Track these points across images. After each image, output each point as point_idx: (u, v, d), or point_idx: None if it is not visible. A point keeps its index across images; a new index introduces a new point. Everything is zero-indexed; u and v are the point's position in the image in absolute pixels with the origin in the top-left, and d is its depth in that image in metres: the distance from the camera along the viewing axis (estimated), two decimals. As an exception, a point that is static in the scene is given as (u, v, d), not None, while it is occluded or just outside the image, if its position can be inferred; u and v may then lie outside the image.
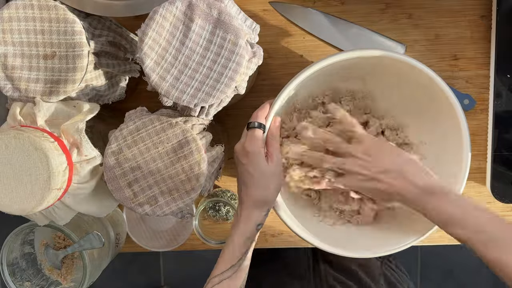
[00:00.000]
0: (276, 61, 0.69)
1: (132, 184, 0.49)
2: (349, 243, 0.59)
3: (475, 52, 0.67)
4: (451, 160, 0.57)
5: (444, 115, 0.56)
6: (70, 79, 0.48)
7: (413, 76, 0.55)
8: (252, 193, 0.53)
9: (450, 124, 0.56)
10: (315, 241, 0.57)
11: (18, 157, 0.45)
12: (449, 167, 0.57)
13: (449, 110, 0.55)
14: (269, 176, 0.53)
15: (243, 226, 0.53)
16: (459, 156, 0.56)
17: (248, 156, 0.53)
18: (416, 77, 0.55)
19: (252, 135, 0.54)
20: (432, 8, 0.67)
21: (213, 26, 0.47)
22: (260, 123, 0.55)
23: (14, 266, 0.64)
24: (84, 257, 0.61)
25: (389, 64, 0.55)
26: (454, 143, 0.56)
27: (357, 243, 0.59)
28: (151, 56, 0.47)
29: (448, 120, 0.56)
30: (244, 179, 0.54)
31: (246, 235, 0.53)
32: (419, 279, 1.58)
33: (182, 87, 0.47)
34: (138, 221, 0.74)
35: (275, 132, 0.56)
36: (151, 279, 1.61)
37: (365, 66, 0.57)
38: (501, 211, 0.71)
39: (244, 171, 0.53)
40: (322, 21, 0.67)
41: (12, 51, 0.48)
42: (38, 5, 0.47)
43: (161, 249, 0.74)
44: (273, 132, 0.56)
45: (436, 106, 0.56)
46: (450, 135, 0.56)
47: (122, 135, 0.49)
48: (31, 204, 0.45)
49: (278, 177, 0.54)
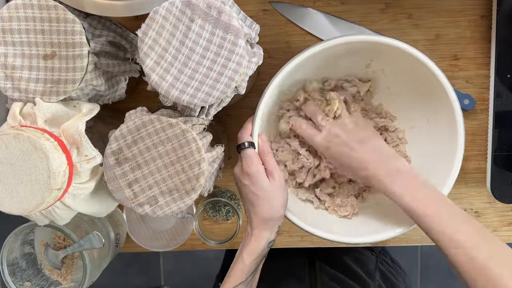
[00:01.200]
0: (276, 61, 0.69)
1: (132, 184, 0.49)
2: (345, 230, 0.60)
3: (475, 52, 0.67)
4: (443, 155, 0.57)
5: (441, 108, 0.56)
6: (70, 79, 0.48)
7: (411, 63, 0.56)
8: (260, 212, 0.53)
9: (447, 118, 0.56)
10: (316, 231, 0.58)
11: (18, 157, 0.45)
12: (441, 163, 0.58)
13: (447, 104, 0.56)
14: (274, 194, 0.53)
15: (254, 244, 0.53)
16: (452, 152, 0.56)
17: (249, 177, 0.53)
18: (414, 65, 0.55)
19: (246, 156, 0.54)
20: (432, 8, 0.67)
21: (213, 26, 0.47)
22: (249, 142, 0.55)
23: (14, 266, 0.64)
24: (84, 257, 0.61)
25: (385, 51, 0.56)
26: (448, 137, 0.56)
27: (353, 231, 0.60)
28: (151, 56, 0.47)
29: (445, 114, 0.56)
30: (250, 200, 0.54)
31: (257, 252, 0.53)
32: (419, 279, 1.58)
33: (182, 87, 0.47)
34: (138, 221, 0.74)
35: (266, 149, 0.56)
36: (151, 279, 1.61)
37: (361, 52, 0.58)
38: (501, 211, 0.72)
39: (248, 192, 0.54)
40: (322, 21, 0.67)
41: (12, 51, 0.48)
42: (38, 4, 0.47)
43: (161, 249, 0.74)
44: (264, 149, 0.56)
45: (434, 98, 0.57)
46: (445, 127, 0.56)
47: (122, 135, 0.49)
48: (31, 204, 0.45)
49: (283, 193, 0.54)
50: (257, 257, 0.53)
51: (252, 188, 0.53)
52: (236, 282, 0.52)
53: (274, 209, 0.53)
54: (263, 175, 0.54)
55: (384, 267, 0.81)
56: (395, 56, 0.55)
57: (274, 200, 0.53)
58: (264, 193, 0.53)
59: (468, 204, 0.71)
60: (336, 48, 0.54)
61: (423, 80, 0.56)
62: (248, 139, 0.55)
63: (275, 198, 0.53)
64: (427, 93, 0.57)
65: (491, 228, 0.72)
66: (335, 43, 0.54)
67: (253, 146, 0.55)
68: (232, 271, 0.53)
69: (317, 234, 0.57)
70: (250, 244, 0.53)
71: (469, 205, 0.71)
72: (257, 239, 0.53)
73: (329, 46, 0.54)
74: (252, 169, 0.53)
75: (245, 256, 0.53)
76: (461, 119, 0.55)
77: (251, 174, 0.53)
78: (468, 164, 0.70)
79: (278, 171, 0.55)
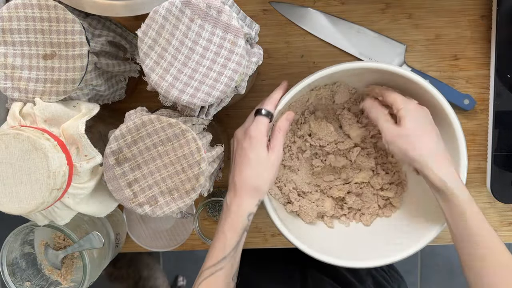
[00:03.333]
0: (276, 61, 0.69)
1: (132, 184, 0.49)
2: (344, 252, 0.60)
3: (475, 52, 0.67)
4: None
5: (439, 121, 0.56)
6: (70, 79, 0.48)
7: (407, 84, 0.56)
8: (247, 177, 0.52)
9: (446, 131, 0.56)
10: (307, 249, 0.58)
11: (18, 157, 0.45)
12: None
13: (444, 119, 0.56)
14: (267, 165, 0.52)
15: (234, 216, 0.52)
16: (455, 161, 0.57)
17: (250, 140, 0.52)
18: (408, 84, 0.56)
19: (259, 121, 0.53)
20: (432, 8, 0.67)
21: (213, 26, 0.47)
22: (269, 111, 0.54)
23: (14, 266, 0.64)
24: (84, 257, 0.61)
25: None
26: (450, 148, 0.56)
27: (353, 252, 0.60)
28: (150, 56, 0.47)
29: (444, 127, 0.56)
30: (241, 162, 0.53)
31: (238, 225, 0.52)
32: (419, 279, 1.58)
33: (182, 87, 0.47)
34: (138, 221, 0.74)
35: (284, 126, 0.55)
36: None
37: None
38: (501, 211, 0.71)
39: (243, 154, 0.52)
40: (322, 21, 0.67)
41: (12, 51, 0.48)
42: (38, 4, 0.47)
43: (161, 249, 0.74)
44: (281, 126, 0.55)
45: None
46: (446, 141, 0.56)
47: (122, 135, 0.49)
48: (31, 204, 0.45)
49: (275, 170, 0.53)
50: (239, 230, 0.52)
51: (249, 152, 0.52)
52: (219, 257, 0.51)
53: (262, 180, 0.52)
54: (264, 144, 0.53)
55: (377, 273, 0.80)
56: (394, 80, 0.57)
57: (264, 171, 0.52)
58: (258, 159, 0.52)
59: (468, 204, 0.71)
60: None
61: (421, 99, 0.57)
62: (270, 109, 0.54)
63: (266, 170, 0.52)
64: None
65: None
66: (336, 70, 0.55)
67: (270, 118, 0.54)
68: (214, 247, 0.52)
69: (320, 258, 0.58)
70: (231, 217, 0.52)
71: (469, 205, 0.71)
72: (238, 210, 0.52)
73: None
74: (257, 133, 0.52)
75: (226, 230, 0.52)
76: (460, 130, 0.56)
77: (253, 138, 0.52)
78: (468, 164, 0.70)
79: (280, 150, 0.54)
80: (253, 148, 0.52)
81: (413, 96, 0.56)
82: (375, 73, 0.58)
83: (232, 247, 0.52)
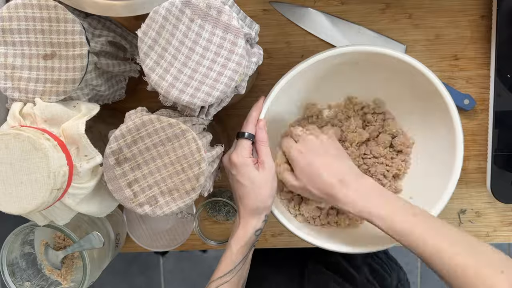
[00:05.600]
0: (276, 61, 0.69)
1: (132, 184, 0.49)
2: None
3: (475, 52, 0.67)
4: (444, 159, 0.58)
5: (438, 114, 0.56)
6: (70, 79, 0.48)
7: (407, 72, 0.56)
8: (246, 202, 0.53)
9: (445, 123, 0.56)
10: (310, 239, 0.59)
11: (18, 157, 0.45)
12: (441, 168, 0.58)
13: (444, 110, 0.56)
14: (261, 184, 0.53)
15: (241, 232, 0.54)
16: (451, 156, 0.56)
17: (236, 167, 0.53)
18: (411, 74, 0.56)
19: (240, 145, 0.54)
20: (432, 8, 0.67)
21: (213, 26, 0.47)
22: (250, 133, 0.55)
23: (14, 266, 0.64)
24: (84, 257, 0.61)
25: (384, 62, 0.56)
26: (448, 143, 0.56)
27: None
28: (150, 56, 0.47)
29: (442, 120, 0.56)
30: (236, 190, 0.54)
31: (244, 240, 0.54)
32: (419, 279, 1.58)
33: (182, 87, 0.47)
34: (138, 221, 0.74)
35: (264, 137, 0.56)
36: (151, 279, 1.61)
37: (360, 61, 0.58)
38: (501, 211, 0.71)
39: (235, 182, 0.54)
40: (322, 21, 0.67)
41: (12, 51, 0.48)
42: (38, 4, 0.47)
43: (161, 249, 0.74)
44: (261, 137, 0.55)
45: (432, 106, 0.57)
46: (444, 134, 0.56)
47: (122, 135, 0.49)
48: (31, 204, 0.45)
49: (272, 183, 0.54)
50: (245, 245, 0.54)
51: (239, 178, 0.53)
52: (225, 271, 0.53)
53: (261, 200, 0.53)
54: (251, 167, 0.53)
55: (374, 261, 0.81)
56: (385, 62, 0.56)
57: (260, 191, 0.53)
58: (251, 183, 0.53)
59: (468, 204, 0.71)
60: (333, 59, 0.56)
61: (421, 88, 0.57)
62: (250, 130, 0.55)
63: (262, 189, 0.53)
64: (424, 99, 0.58)
65: (491, 228, 0.72)
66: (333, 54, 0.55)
67: (252, 139, 0.55)
68: (222, 261, 0.54)
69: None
70: (237, 232, 0.54)
71: (469, 205, 0.71)
72: (244, 227, 0.54)
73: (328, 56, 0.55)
74: (240, 159, 0.53)
75: (233, 245, 0.54)
76: (460, 127, 0.55)
77: (237, 165, 0.53)
78: (468, 164, 0.70)
79: (269, 161, 0.54)
80: (242, 174, 0.53)
81: (414, 85, 0.56)
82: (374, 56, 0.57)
83: (237, 261, 0.53)
